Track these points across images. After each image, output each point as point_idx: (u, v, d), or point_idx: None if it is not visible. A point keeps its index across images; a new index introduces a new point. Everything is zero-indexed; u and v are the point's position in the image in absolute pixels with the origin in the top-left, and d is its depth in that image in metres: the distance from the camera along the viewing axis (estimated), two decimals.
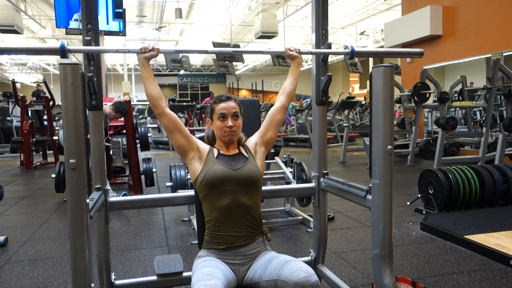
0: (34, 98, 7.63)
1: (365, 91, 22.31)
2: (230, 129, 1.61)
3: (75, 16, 5.15)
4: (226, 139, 1.64)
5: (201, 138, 1.84)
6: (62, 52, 1.49)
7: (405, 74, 9.61)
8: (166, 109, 1.62)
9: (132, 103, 8.58)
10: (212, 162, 1.61)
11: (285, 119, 13.03)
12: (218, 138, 1.67)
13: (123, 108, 4.49)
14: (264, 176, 1.78)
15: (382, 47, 19.54)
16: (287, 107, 1.82)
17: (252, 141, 1.76)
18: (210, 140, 1.72)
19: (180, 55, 12.85)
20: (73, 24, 5.19)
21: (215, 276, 1.39)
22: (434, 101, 7.90)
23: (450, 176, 3.71)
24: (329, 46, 1.96)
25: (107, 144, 4.89)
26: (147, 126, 7.49)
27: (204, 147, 1.68)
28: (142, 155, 6.15)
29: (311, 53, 1.91)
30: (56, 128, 7.98)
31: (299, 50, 1.81)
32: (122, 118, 4.79)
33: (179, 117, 12.78)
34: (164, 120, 1.62)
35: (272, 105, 12.84)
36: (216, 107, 1.64)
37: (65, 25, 5.22)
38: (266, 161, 1.95)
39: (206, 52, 1.75)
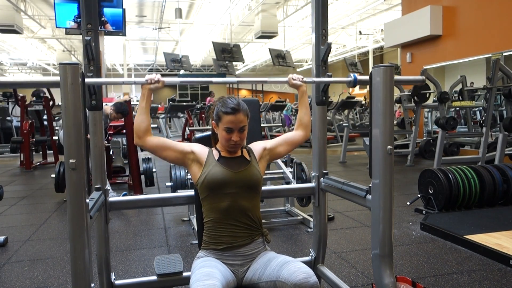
0: (34, 98, 7.61)
1: (365, 91, 22.29)
2: (235, 142, 1.60)
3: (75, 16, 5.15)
4: (230, 149, 1.63)
5: (200, 138, 1.84)
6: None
7: (405, 74, 9.60)
8: (149, 137, 1.60)
9: (132, 103, 8.57)
10: (213, 164, 1.60)
11: (285, 119, 13.04)
12: (221, 144, 1.65)
13: (124, 108, 4.52)
14: (264, 176, 1.78)
15: (382, 47, 19.60)
16: (308, 136, 1.83)
17: (259, 145, 1.74)
18: (215, 137, 1.70)
19: (180, 55, 12.88)
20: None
21: (213, 276, 1.39)
22: (434, 101, 7.90)
23: (450, 176, 3.71)
24: (329, 46, 1.96)
25: (107, 144, 4.90)
26: None
27: (202, 149, 1.65)
28: (142, 155, 6.16)
29: (313, 82, 1.90)
30: (56, 128, 7.97)
31: (302, 78, 1.80)
32: (122, 118, 4.81)
33: (179, 117, 12.80)
34: (148, 145, 1.59)
35: (272, 104, 12.80)
36: (223, 117, 1.57)
37: (65, 25, 5.23)
38: None
39: (210, 82, 1.71)
